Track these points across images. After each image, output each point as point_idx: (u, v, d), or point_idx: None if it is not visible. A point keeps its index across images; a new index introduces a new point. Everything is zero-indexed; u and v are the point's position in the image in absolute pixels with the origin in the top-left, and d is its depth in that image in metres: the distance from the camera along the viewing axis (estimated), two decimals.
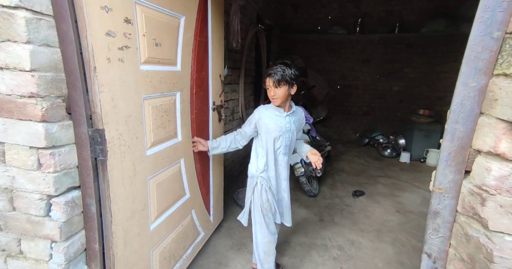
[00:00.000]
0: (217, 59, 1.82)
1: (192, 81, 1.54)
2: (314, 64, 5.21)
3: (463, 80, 0.71)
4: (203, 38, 1.61)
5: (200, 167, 1.70)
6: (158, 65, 1.23)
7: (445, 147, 0.74)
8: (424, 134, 4.17)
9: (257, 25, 3.52)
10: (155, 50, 1.19)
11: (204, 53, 1.66)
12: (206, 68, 1.70)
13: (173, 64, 1.37)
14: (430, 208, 0.77)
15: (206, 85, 1.74)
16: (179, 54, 1.39)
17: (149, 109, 1.18)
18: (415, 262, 1.95)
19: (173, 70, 1.36)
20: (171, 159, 1.39)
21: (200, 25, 1.55)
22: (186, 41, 1.43)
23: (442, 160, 0.74)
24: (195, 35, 1.52)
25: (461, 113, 0.71)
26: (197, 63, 1.56)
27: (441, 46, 4.56)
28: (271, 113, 1.48)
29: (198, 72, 1.59)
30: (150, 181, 1.22)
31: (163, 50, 1.25)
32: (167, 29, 1.26)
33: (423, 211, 2.68)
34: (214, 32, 1.72)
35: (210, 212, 1.92)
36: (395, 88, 4.97)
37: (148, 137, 1.19)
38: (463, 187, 0.72)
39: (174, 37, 1.34)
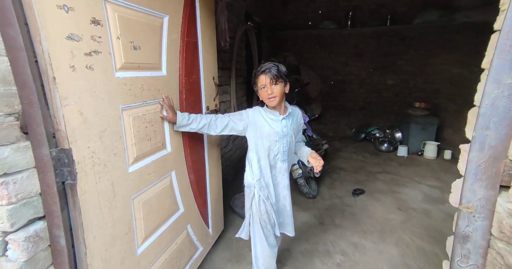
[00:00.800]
0: (209, 61, 1.70)
1: (181, 86, 1.42)
2: (306, 60, 5.10)
3: (494, 76, 0.59)
4: (191, 39, 1.49)
5: (194, 177, 1.58)
6: (138, 71, 1.11)
7: (473, 158, 0.62)
8: (421, 127, 4.12)
9: (246, 23, 3.39)
10: (134, 54, 1.06)
11: (194, 55, 1.54)
12: (196, 71, 1.58)
13: (157, 68, 1.25)
14: (457, 230, 0.65)
15: (198, 89, 1.61)
16: (164, 57, 1.27)
17: (129, 120, 1.06)
18: (420, 264, 1.88)
19: (157, 75, 1.23)
20: (160, 173, 1.26)
21: (188, 25, 1.43)
22: (172, 43, 1.31)
23: (469, 174, 0.62)
24: (182, 36, 1.39)
25: (493, 117, 0.60)
26: (185, 66, 1.43)
27: (435, 37, 4.49)
28: (266, 116, 1.37)
29: (188, 76, 1.47)
30: (135, 200, 1.10)
31: (144, 53, 1.12)
32: (147, 30, 1.13)
33: (425, 208, 2.62)
34: (204, 32, 1.60)
35: (208, 224, 1.80)
36: (389, 82, 4.91)
37: (130, 152, 1.07)
38: (498, 206, 0.61)
39: (157, 38, 1.21)
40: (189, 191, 1.54)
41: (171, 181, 1.38)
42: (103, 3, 0.89)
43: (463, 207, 0.61)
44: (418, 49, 4.63)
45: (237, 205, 2.49)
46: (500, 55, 0.55)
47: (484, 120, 0.59)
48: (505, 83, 0.56)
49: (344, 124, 5.29)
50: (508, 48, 0.55)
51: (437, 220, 2.42)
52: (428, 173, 3.46)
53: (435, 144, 3.97)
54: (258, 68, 1.30)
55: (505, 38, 0.55)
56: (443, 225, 2.34)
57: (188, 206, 1.52)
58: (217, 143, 1.88)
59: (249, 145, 1.43)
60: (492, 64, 0.57)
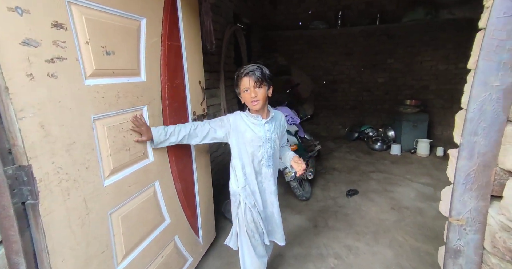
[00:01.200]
0: (194, 64, 1.64)
1: (163, 91, 1.36)
2: (297, 61, 5.08)
3: (481, 79, 0.55)
4: (174, 42, 1.43)
5: (181, 186, 1.52)
6: (112, 77, 1.05)
7: (462, 166, 0.58)
8: (412, 124, 4.13)
9: (234, 25, 3.33)
10: (107, 60, 1.00)
11: (177, 59, 1.48)
12: (180, 75, 1.52)
13: (135, 74, 1.19)
14: (448, 244, 0.61)
15: (183, 94, 1.56)
16: (143, 62, 1.21)
17: (103, 131, 1.00)
18: (415, 264, 1.86)
19: (135, 82, 1.17)
20: (141, 184, 1.20)
21: (169, 27, 1.37)
22: (151, 47, 1.25)
23: (459, 184, 0.58)
24: (163, 39, 1.34)
25: (481, 122, 0.55)
26: (168, 70, 1.38)
27: (421, 34, 4.52)
28: (248, 120, 1.32)
29: (171, 81, 1.41)
30: (113, 215, 1.04)
31: (119, 59, 1.06)
32: (122, 33, 1.07)
33: (418, 206, 2.61)
34: (188, 35, 1.54)
35: (199, 233, 1.74)
36: (380, 80, 4.91)
37: (105, 164, 1.01)
38: (490, 218, 0.57)
39: (134, 43, 1.15)
40: (176, 200, 1.48)
41: (154, 192, 1.32)
42: (67, 5, 0.83)
43: (453, 219, 0.57)
44: (406, 47, 4.65)
45: (229, 210, 2.41)
46: (486, 56, 0.51)
47: (472, 125, 0.55)
48: (493, 86, 0.52)
49: (337, 124, 5.28)
50: (494, 48, 0.51)
51: (430, 218, 2.41)
52: (421, 171, 3.46)
53: (427, 141, 3.99)
54: (241, 70, 1.25)
55: (490, 38, 0.51)
56: (436, 223, 2.33)
57: (175, 217, 1.46)
58: (205, 149, 1.83)
59: (232, 152, 1.38)
60: (478, 66, 0.53)
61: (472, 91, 0.54)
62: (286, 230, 2.29)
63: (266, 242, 1.44)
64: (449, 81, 4.64)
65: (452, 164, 0.67)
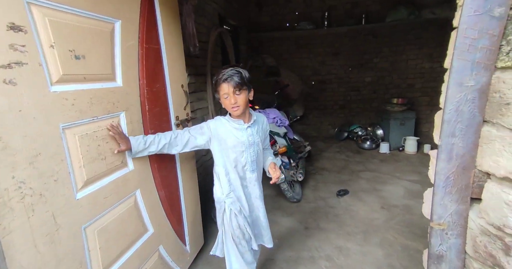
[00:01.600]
0: (175, 68, 1.60)
1: (142, 96, 1.31)
2: (285, 61, 5.08)
3: (456, 79, 0.53)
4: (152, 45, 1.38)
5: (165, 193, 1.47)
6: (83, 83, 1.00)
7: (441, 169, 0.56)
8: (400, 122, 4.18)
9: (220, 27, 3.29)
10: (76, 65, 0.95)
11: (157, 63, 1.44)
12: (161, 79, 1.48)
13: (110, 79, 1.14)
14: (430, 250, 0.59)
15: (164, 99, 1.51)
16: (118, 66, 1.16)
17: (74, 140, 0.94)
18: (405, 263, 1.87)
19: (111, 87, 1.13)
20: (120, 194, 1.15)
21: (147, 30, 1.32)
22: (128, 50, 1.20)
23: (438, 187, 0.56)
24: (141, 42, 1.29)
25: (458, 123, 0.53)
26: (147, 75, 1.33)
27: (405, 34, 4.60)
28: (230, 125, 1.29)
29: (150, 85, 1.36)
30: (87, 230, 0.99)
31: (90, 63, 1.01)
32: (93, 37, 1.02)
33: (406, 204, 2.63)
34: (168, 37, 1.50)
35: (185, 241, 1.69)
36: (367, 79, 4.96)
37: (78, 176, 0.95)
38: (470, 221, 0.56)
39: (107, 46, 1.10)
40: (160, 209, 1.43)
41: (135, 202, 1.26)
42: (26, 6, 0.77)
43: (434, 224, 0.56)
44: (391, 46, 4.72)
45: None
46: (460, 56, 0.50)
47: (450, 127, 0.53)
48: (468, 86, 0.51)
49: (327, 124, 5.30)
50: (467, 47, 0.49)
51: (418, 216, 2.43)
52: (409, 168, 3.50)
53: (414, 139, 4.04)
54: (219, 76, 1.21)
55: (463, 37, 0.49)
56: (424, 220, 2.32)
57: (158, 226, 1.41)
58: (190, 155, 1.78)
59: (215, 159, 1.35)
60: (452, 65, 0.51)
61: (448, 91, 0.52)
62: (277, 233, 2.28)
63: (254, 247, 1.41)
64: (434, 79, 4.73)
65: (432, 165, 0.66)
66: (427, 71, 4.73)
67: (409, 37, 4.62)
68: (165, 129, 1.50)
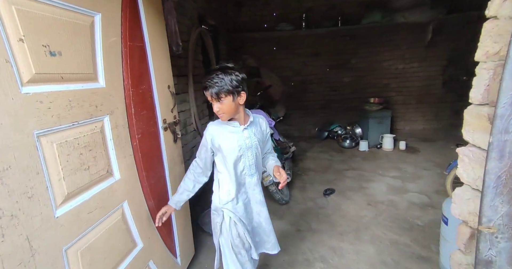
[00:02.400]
0: (161, 68, 1.49)
1: (127, 98, 1.20)
2: (266, 62, 5.07)
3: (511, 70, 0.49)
4: (136, 43, 1.27)
5: (155, 203, 1.36)
6: (61, 83, 0.87)
7: (492, 168, 0.52)
8: (378, 121, 4.34)
9: (200, 26, 3.19)
10: (51, 62, 0.83)
11: (142, 61, 1.32)
12: (147, 79, 1.36)
13: (91, 79, 1.01)
14: (478, 256, 0.56)
15: (150, 101, 1.40)
16: (100, 65, 1.04)
17: (52, 149, 0.82)
18: (396, 258, 1.91)
19: (92, 88, 1.01)
20: (106, 207, 1.03)
21: (130, 26, 1.21)
22: (110, 48, 1.09)
23: (489, 188, 0.52)
24: (124, 39, 1.17)
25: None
26: (132, 75, 1.22)
27: (380, 36, 4.81)
28: (224, 129, 1.21)
29: (136, 86, 1.25)
30: (69, 251, 0.87)
31: (68, 61, 0.89)
32: (70, 31, 0.90)
33: (391, 199, 2.71)
34: (152, 35, 1.39)
35: (176, 253, 1.58)
36: (346, 79, 5.10)
37: (57, 190, 0.83)
38: None
39: (87, 42, 0.98)
40: (149, 221, 1.32)
41: (123, 214, 1.14)
42: None
43: (483, 227, 0.53)
44: (367, 47, 4.90)
45: (207, 222, 2.28)
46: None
47: (503, 122, 0.49)
48: None
49: (309, 124, 5.36)
50: None
51: (403, 210, 2.52)
52: (389, 165, 3.62)
53: (391, 136, 4.21)
54: (202, 81, 1.16)
55: None
56: (408, 214, 2.44)
57: (148, 239, 1.29)
58: (180, 160, 1.67)
59: (217, 166, 1.28)
60: (509, 55, 0.48)
61: (502, 84, 0.49)
62: None
63: (254, 257, 1.34)
64: (407, 79, 4.99)
65: (464, 163, 0.64)
66: (400, 72, 4.97)
67: (383, 39, 4.83)
68: (153, 133, 1.39)
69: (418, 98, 5.02)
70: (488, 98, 0.59)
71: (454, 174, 2.48)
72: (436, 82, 4.91)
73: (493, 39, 0.58)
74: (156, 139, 1.43)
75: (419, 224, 2.29)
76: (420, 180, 3.10)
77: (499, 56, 0.57)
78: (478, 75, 0.63)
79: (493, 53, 0.59)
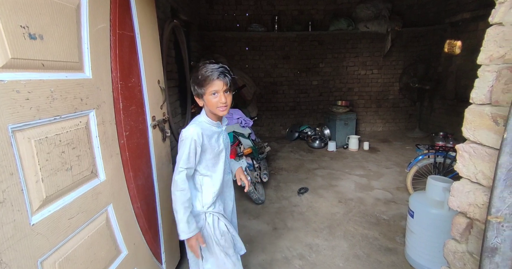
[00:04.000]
0: (152, 60, 1.39)
1: (115, 92, 1.09)
2: (237, 62, 5.04)
3: None
4: (126, 32, 1.16)
5: (141, 206, 1.26)
6: (41, 71, 0.76)
7: (504, 162, 0.56)
8: (344, 122, 4.60)
9: (172, 20, 3.04)
10: (31, 46, 0.72)
11: (131, 53, 1.21)
12: (136, 72, 1.26)
13: (77, 68, 0.90)
14: (485, 244, 0.62)
15: (139, 96, 1.29)
16: (86, 53, 0.93)
17: (29, 146, 0.71)
18: (367, 251, 2.03)
19: (77, 78, 0.90)
20: (89, 212, 0.92)
21: (120, 13, 1.10)
22: (98, 35, 0.97)
23: (499, 181, 0.57)
24: (113, 27, 1.07)
25: None
26: (120, 66, 1.11)
27: (345, 43, 5.12)
28: (208, 130, 1.15)
29: (125, 79, 1.14)
30: (45, 263, 0.76)
31: (50, 46, 0.78)
32: (53, 11, 0.79)
33: (359, 196, 2.89)
34: (143, 24, 1.29)
35: (161, 260, 1.48)
36: (314, 83, 5.32)
37: (34, 193, 0.72)
38: None
39: (72, 26, 0.87)
40: (135, 226, 1.21)
41: (107, 219, 1.03)
42: None
43: (492, 217, 0.59)
44: (334, 53, 5.18)
45: None
46: None
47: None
48: None
49: (279, 125, 5.47)
50: None
51: (370, 206, 2.70)
52: (355, 164, 3.86)
53: (356, 137, 4.49)
54: (207, 71, 1.06)
55: None
56: (375, 209, 2.63)
57: (134, 246, 1.19)
58: (168, 159, 1.56)
59: (200, 170, 1.19)
60: None
61: None
62: (247, 237, 2.21)
63: (244, 251, 1.34)
64: (367, 84, 5.39)
65: (463, 159, 0.71)
66: (362, 77, 5.35)
67: (348, 46, 5.15)
68: (142, 131, 1.28)
69: (377, 102, 5.46)
70: (491, 98, 0.67)
71: (413, 172, 2.75)
72: (392, 89, 5.39)
73: (498, 43, 0.65)
74: (145, 137, 1.32)
75: (385, 218, 2.48)
76: (383, 178, 3.36)
77: (503, 60, 0.65)
78: (480, 77, 0.70)
79: (498, 57, 0.66)
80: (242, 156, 2.58)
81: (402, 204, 2.70)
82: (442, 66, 4.79)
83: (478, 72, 0.70)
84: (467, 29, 4.16)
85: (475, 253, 0.72)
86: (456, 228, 0.77)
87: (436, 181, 1.76)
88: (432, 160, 2.59)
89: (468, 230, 0.75)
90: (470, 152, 0.71)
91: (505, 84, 0.63)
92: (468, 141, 0.74)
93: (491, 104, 0.67)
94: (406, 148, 4.47)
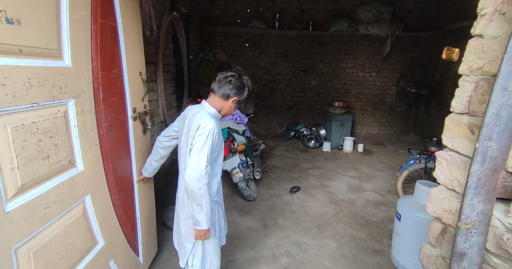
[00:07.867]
0: (134, 52, 1.37)
1: (95, 82, 1.08)
2: (236, 58, 5.01)
3: (501, 84, 0.55)
4: (108, 21, 1.14)
5: (119, 198, 1.25)
6: (18, 57, 0.75)
7: (475, 171, 0.58)
8: (340, 124, 4.61)
9: (171, 13, 3.01)
10: (8, 31, 0.71)
11: (113, 43, 1.20)
12: (118, 63, 1.24)
13: (56, 56, 0.89)
14: (454, 249, 0.63)
15: (121, 87, 1.28)
16: (66, 41, 0.91)
17: (4, 132, 0.70)
18: (354, 252, 2.05)
19: (56, 66, 0.88)
20: (66, 201, 0.91)
21: (101, 2, 1.09)
22: (78, 23, 0.96)
23: (470, 188, 0.58)
24: (94, 15, 1.05)
25: (496, 127, 0.56)
26: (101, 56, 1.09)
27: (345, 44, 5.11)
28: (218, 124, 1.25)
29: (106, 69, 1.13)
30: (19, 251, 0.75)
31: (28, 31, 0.76)
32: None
33: (350, 197, 2.91)
34: (125, 14, 1.26)
35: (138, 252, 1.47)
36: (312, 83, 5.31)
37: (9, 181, 0.71)
38: (494, 219, 0.61)
39: (51, 12, 0.85)
40: (112, 217, 1.20)
41: (84, 210, 1.02)
42: None
43: (462, 223, 0.59)
44: (333, 54, 5.17)
45: (170, 218, 2.17)
46: (509, 61, 0.52)
47: (488, 130, 0.55)
48: (510, 91, 0.54)
49: (275, 123, 5.46)
50: None
51: (360, 207, 2.71)
52: (348, 165, 3.88)
53: (351, 139, 4.50)
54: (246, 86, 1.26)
55: None
56: (365, 211, 2.65)
57: (110, 237, 1.18)
58: (148, 152, 1.56)
59: None
60: (500, 70, 0.54)
61: (492, 95, 0.55)
62: (236, 233, 2.22)
63: (223, 242, 1.40)
64: (365, 86, 5.38)
65: (441, 166, 0.71)
66: (360, 80, 5.34)
67: (347, 47, 5.14)
68: (122, 122, 1.27)
69: (373, 105, 5.46)
70: (469, 108, 0.67)
71: (404, 176, 2.75)
72: (389, 92, 5.39)
73: (478, 55, 0.66)
74: (125, 129, 1.31)
75: (374, 220, 2.49)
76: (374, 180, 3.37)
77: (481, 71, 0.65)
78: (461, 87, 0.70)
79: (476, 68, 0.66)
80: (235, 152, 2.58)
81: (391, 207, 2.71)
82: (440, 73, 4.80)
83: (458, 82, 0.70)
84: (466, 37, 4.15)
85: (447, 257, 0.73)
86: (432, 233, 0.77)
87: (423, 185, 1.77)
88: (423, 164, 2.60)
89: (442, 235, 0.75)
90: (448, 159, 0.72)
91: (481, 95, 0.64)
92: (447, 149, 0.74)
93: (469, 114, 0.68)
94: (400, 151, 4.49)
